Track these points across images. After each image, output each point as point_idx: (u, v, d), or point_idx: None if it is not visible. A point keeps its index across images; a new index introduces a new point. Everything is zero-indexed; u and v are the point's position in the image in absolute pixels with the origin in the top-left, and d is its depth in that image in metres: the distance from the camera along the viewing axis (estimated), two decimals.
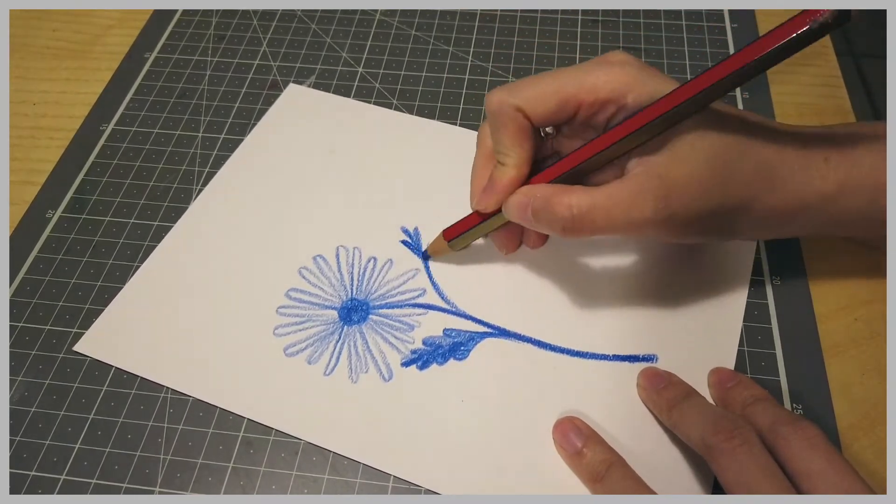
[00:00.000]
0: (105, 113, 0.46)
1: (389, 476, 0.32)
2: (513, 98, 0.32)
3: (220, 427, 0.33)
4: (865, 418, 0.33)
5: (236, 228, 0.40)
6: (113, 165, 0.43)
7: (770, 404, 0.30)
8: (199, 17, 0.52)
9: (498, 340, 0.35)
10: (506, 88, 0.32)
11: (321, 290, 0.37)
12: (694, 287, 0.37)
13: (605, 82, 0.31)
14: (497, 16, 0.51)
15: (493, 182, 0.33)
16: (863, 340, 0.35)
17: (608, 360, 0.35)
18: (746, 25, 0.49)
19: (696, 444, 0.29)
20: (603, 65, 0.31)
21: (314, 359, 0.35)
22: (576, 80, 0.31)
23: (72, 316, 0.37)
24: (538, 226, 0.32)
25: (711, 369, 0.34)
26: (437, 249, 0.37)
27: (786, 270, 0.37)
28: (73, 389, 0.35)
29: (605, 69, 0.31)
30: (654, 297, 0.37)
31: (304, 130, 0.44)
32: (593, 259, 0.38)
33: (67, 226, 0.41)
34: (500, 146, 0.32)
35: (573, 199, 0.30)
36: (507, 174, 0.32)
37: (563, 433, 0.32)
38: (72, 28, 0.52)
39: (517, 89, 0.32)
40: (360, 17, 0.52)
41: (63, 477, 0.32)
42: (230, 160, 0.43)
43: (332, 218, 0.40)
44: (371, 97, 0.46)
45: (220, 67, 0.49)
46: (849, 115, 0.45)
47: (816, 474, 0.26)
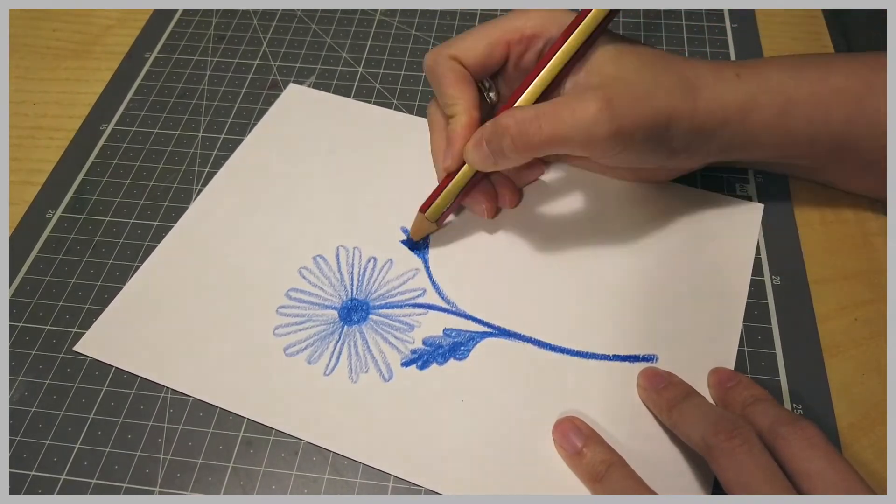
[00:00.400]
0: (105, 113, 0.46)
1: (389, 476, 0.32)
2: (446, 49, 0.35)
3: (220, 427, 0.33)
4: (865, 418, 0.33)
5: (236, 228, 0.40)
6: (113, 165, 0.43)
7: (770, 404, 0.30)
8: (199, 17, 0.52)
9: (498, 340, 0.35)
10: (439, 46, 0.36)
11: (321, 290, 0.37)
12: (694, 287, 0.37)
13: (527, 21, 0.35)
14: (497, 16, 0.51)
15: (450, 136, 0.35)
16: (863, 340, 0.35)
17: (608, 360, 0.35)
18: (746, 25, 0.49)
19: (696, 444, 0.29)
20: (526, 10, 0.35)
21: (314, 359, 0.35)
22: (501, 25, 0.35)
23: (72, 316, 0.37)
24: (498, 159, 0.33)
25: (711, 369, 0.34)
26: (418, 228, 0.38)
27: (786, 270, 0.37)
28: (73, 389, 0.35)
29: (527, 13, 0.35)
30: (654, 297, 0.37)
31: (304, 130, 0.44)
32: (593, 259, 0.38)
33: (67, 226, 0.41)
34: (446, 98, 0.35)
35: (517, 113, 0.32)
36: (460, 121, 0.35)
37: (563, 433, 0.32)
38: (72, 28, 0.52)
39: (449, 43, 0.36)
40: (360, 17, 0.52)
41: (63, 477, 0.32)
42: (230, 160, 0.43)
43: (332, 218, 0.40)
44: (371, 97, 0.46)
45: (220, 67, 0.49)
46: None
47: (816, 474, 0.26)
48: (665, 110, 0.33)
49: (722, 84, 0.34)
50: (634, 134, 0.32)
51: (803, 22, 0.50)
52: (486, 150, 0.33)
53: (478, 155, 0.34)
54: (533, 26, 0.35)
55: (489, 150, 0.33)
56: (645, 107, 0.32)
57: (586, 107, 0.31)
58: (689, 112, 0.33)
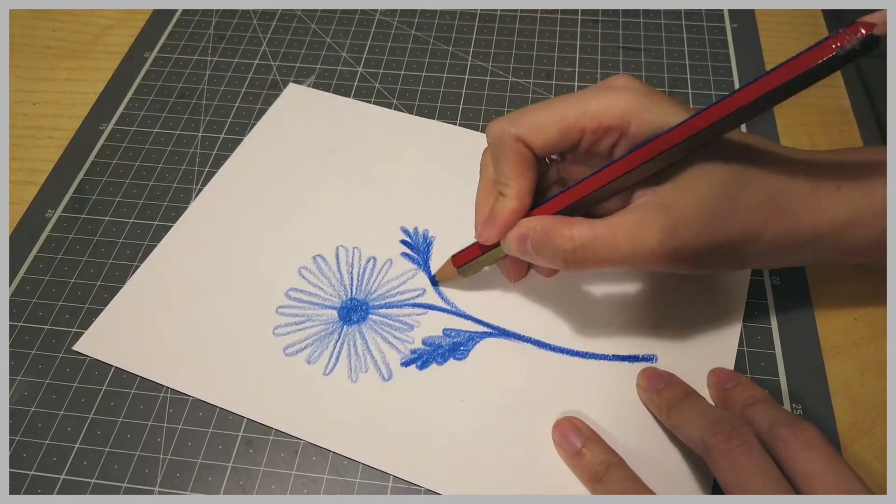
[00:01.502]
0: (105, 113, 0.46)
1: (389, 476, 0.32)
2: (514, 127, 0.31)
3: (219, 427, 0.33)
4: (865, 418, 0.33)
5: (236, 228, 0.40)
6: (112, 165, 0.43)
7: (769, 405, 0.30)
8: (199, 17, 0.52)
9: (498, 340, 0.35)
10: (507, 118, 0.31)
11: (321, 289, 0.37)
12: (693, 287, 0.37)
13: (608, 108, 0.30)
14: (497, 16, 0.51)
15: (494, 213, 0.32)
16: (863, 340, 0.35)
17: (608, 360, 0.35)
18: (746, 25, 0.49)
19: (695, 445, 0.29)
20: (605, 90, 0.30)
21: (314, 358, 0.35)
22: (577, 108, 0.30)
23: (71, 315, 0.37)
24: (539, 259, 0.31)
25: (711, 369, 0.34)
26: (446, 275, 0.37)
27: (785, 270, 0.37)
28: (72, 389, 0.35)
29: (607, 95, 0.30)
30: (653, 297, 0.37)
31: (304, 130, 0.44)
32: None
33: (67, 225, 0.41)
34: (501, 176, 0.31)
35: (574, 230, 0.29)
36: (508, 205, 0.31)
37: (563, 433, 0.32)
38: (72, 28, 0.52)
39: (518, 118, 0.31)
40: (359, 16, 0.52)
41: (63, 476, 0.32)
42: (230, 160, 0.43)
43: (331, 218, 0.40)
44: (371, 97, 0.46)
45: (220, 67, 0.49)
46: (848, 115, 0.45)
47: (815, 475, 0.26)
48: (739, 236, 0.29)
49: (819, 201, 0.30)
50: (696, 260, 0.30)
51: (803, 22, 0.50)
52: (530, 250, 0.31)
53: (518, 249, 0.31)
54: (612, 116, 0.30)
55: (532, 251, 0.31)
56: (715, 234, 0.29)
57: (647, 234, 0.28)
58: (772, 235, 0.30)
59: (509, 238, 0.31)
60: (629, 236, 0.29)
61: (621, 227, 0.29)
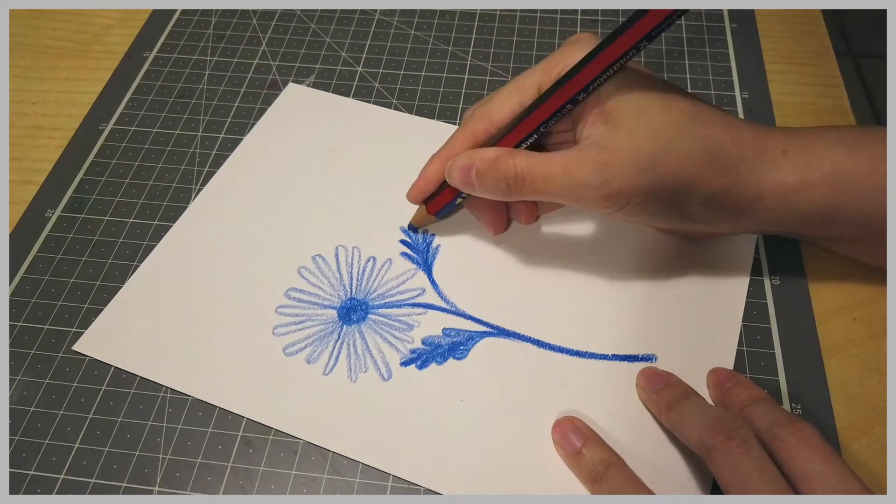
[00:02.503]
0: (104, 112, 0.46)
1: (389, 476, 0.32)
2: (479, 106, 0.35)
3: (219, 426, 0.33)
4: (864, 418, 0.33)
5: (235, 228, 0.40)
6: (112, 165, 0.43)
7: (768, 405, 0.30)
8: (199, 17, 0.52)
9: (497, 340, 0.35)
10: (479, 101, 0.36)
11: (320, 289, 0.37)
12: (693, 287, 0.37)
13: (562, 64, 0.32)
14: (496, 15, 0.51)
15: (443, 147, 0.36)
16: (862, 340, 0.35)
17: (607, 360, 0.35)
18: (746, 25, 0.49)
19: (694, 445, 0.29)
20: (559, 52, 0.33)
21: (313, 358, 0.35)
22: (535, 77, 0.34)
23: (71, 315, 0.37)
24: (481, 188, 0.33)
25: (710, 369, 0.34)
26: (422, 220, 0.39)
27: (785, 270, 0.37)
28: (72, 389, 0.35)
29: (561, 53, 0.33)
30: (653, 296, 0.37)
31: (304, 130, 0.44)
32: (593, 259, 0.38)
33: (66, 225, 0.41)
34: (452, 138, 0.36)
35: (518, 159, 0.32)
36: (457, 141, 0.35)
37: (563, 433, 0.32)
38: (72, 28, 0.52)
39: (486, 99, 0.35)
40: (359, 16, 0.52)
41: (62, 476, 0.32)
42: (229, 160, 0.43)
43: (331, 217, 0.40)
44: (371, 97, 0.46)
45: (220, 67, 0.49)
46: (848, 115, 0.45)
47: (814, 475, 0.26)
48: (672, 182, 0.31)
49: (764, 162, 0.31)
50: (630, 200, 0.31)
51: (803, 22, 0.50)
52: (472, 180, 0.33)
53: (460, 179, 0.34)
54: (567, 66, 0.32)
55: (476, 179, 0.33)
56: (646, 176, 0.30)
57: (581, 168, 0.30)
58: (709, 187, 0.31)
59: (452, 168, 0.34)
60: (564, 168, 0.31)
61: (559, 158, 0.31)
